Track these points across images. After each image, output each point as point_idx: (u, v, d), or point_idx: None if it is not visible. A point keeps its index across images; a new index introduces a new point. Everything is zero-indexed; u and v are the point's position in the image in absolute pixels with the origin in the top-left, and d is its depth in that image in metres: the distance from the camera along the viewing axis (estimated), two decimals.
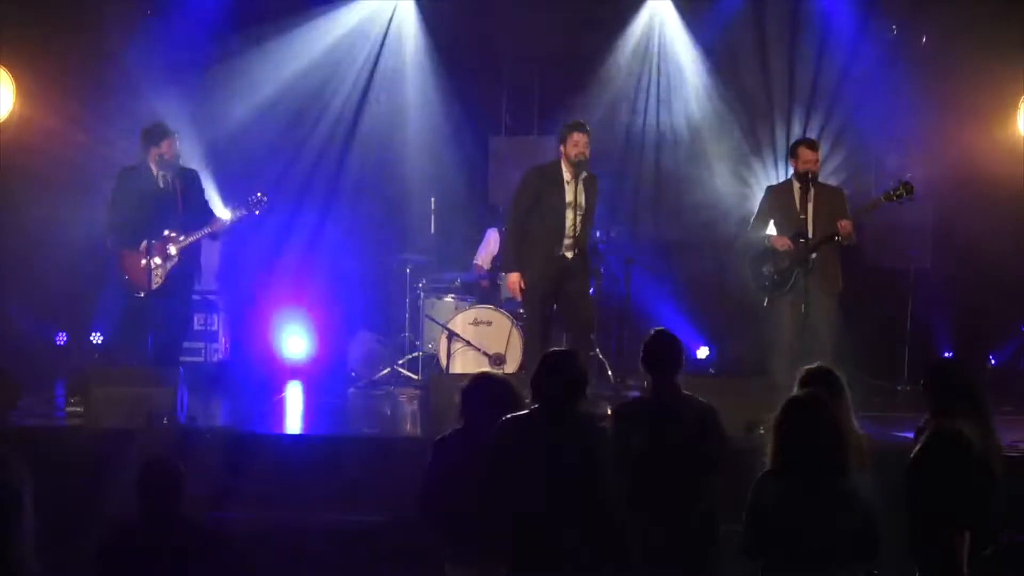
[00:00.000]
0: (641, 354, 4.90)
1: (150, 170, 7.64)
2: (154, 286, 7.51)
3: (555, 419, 4.39)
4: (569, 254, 7.59)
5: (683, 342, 4.94)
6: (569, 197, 7.52)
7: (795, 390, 4.60)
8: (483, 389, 4.72)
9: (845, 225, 7.39)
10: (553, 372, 4.47)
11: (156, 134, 7.64)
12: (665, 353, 4.86)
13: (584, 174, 7.59)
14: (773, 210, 7.78)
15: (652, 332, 4.96)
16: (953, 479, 4.23)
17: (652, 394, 4.91)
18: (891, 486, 4.34)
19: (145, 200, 7.56)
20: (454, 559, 4.63)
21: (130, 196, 7.59)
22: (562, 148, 7.57)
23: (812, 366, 5.02)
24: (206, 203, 8.00)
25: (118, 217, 7.61)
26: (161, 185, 7.65)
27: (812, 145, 7.74)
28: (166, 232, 7.55)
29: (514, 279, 7.68)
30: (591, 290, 8.04)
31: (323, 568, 5.87)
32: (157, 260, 7.51)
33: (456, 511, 4.50)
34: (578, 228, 7.54)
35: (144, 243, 7.50)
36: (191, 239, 7.61)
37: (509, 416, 4.46)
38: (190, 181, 7.81)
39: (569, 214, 7.51)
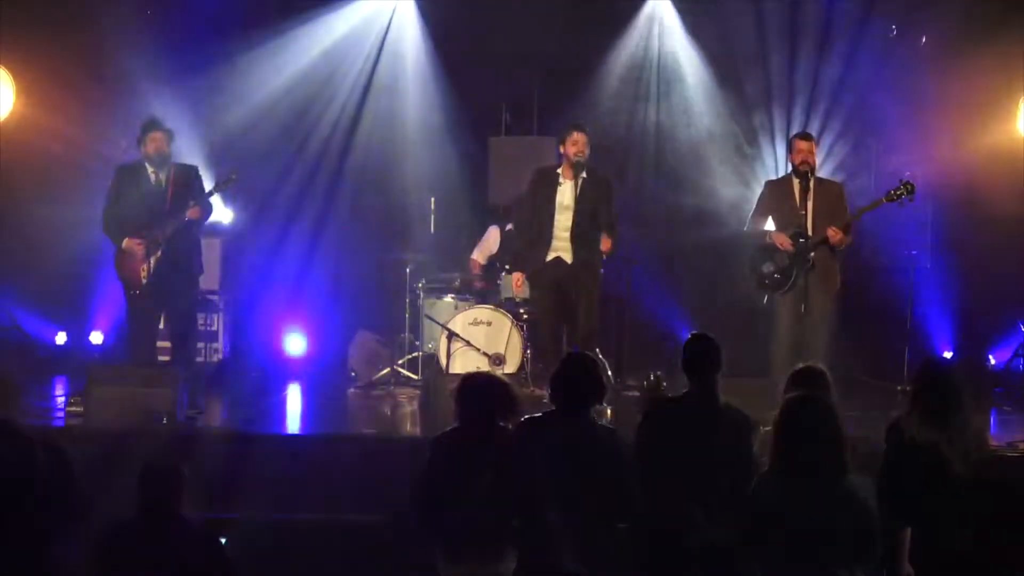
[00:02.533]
0: (681, 358, 4.91)
1: (145, 167, 7.61)
2: (143, 282, 7.47)
3: (569, 421, 4.40)
4: (567, 257, 7.56)
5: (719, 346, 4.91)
6: (562, 199, 7.49)
7: (784, 391, 4.61)
8: (474, 388, 4.75)
9: (835, 234, 7.34)
10: (572, 374, 4.49)
11: (143, 129, 7.61)
12: (705, 356, 4.87)
13: (584, 175, 7.56)
14: (772, 205, 7.72)
15: (690, 336, 4.99)
16: (897, 476, 4.25)
17: (690, 397, 4.91)
18: None
19: (136, 197, 7.52)
20: (448, 558, 4.63)
21: (122, 193, 7.57)
22: (562, 148, 7.56)
23: (800, 367, 5.04)
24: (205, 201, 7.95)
25: (111, 215, 7.58)
26: (153, 181, 7.57)
27: (805, 136, 7.72)
28: (149, 229, 7.40)
29: (515, 278, 7.87)
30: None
31: (322, 568, 5.86)
32: (141, 256, 7.43)
33: (451, 509, 4.50)
34: (574, 230, 7.49)
35: (126, 241, 7.44)
36: (169, 230, 7.42)
37: (528, 417, 4.48)
38: (186, 177, 7.66)
39: (561, 216, 7.48)
